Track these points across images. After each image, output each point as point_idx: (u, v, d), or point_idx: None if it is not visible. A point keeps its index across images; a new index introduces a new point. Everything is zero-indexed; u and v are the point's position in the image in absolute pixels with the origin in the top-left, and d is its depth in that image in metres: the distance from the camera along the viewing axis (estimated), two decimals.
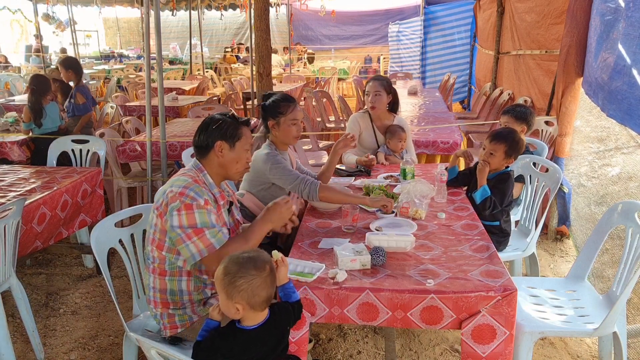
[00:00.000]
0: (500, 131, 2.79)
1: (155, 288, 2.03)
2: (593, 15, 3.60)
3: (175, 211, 1.88)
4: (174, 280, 2.01)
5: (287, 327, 1.70)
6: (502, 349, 1.77)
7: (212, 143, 2.05)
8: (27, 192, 3.00)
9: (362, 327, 2.90)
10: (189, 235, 1.89)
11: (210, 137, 2.05)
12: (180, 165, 4.41)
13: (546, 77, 4.88)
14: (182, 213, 1.88)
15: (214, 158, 2.07)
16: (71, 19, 11.04)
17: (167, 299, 2.02)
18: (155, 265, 2.01)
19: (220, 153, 2.05)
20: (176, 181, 1.98)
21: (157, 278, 2.02)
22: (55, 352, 2.81)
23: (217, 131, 2.05)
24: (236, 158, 2.08)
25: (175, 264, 1.99)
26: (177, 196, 1.90)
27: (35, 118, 4.70)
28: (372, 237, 2.11)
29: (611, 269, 2.99)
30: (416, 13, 12.40)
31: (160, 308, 2.04)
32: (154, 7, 4.01)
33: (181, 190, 1.91)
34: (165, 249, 1.97)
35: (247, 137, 2.12)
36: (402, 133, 3.54)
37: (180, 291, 2.02)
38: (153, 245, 2.00)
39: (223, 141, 2.05)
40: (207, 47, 16.93)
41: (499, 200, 2.66)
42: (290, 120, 2.74)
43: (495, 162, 2.72)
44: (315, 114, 7.05)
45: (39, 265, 3.83)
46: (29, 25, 16.58)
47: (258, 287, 1.53)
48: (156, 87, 4.13)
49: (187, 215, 1.89)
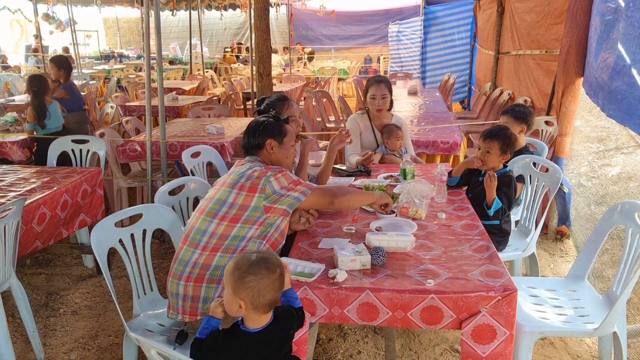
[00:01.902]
0: (492, 129, 2.81)
1: (197, 263, 2.07)
2: (593, 15, 3.61)
3: (273, 178, 2.11)
4: (225, 257, 2.07)
5: (290, 331, 1.69)
6: (502, 349, 1.77)
7: (262, 142, 2.26)
8: (27, 192, 3.00)
9: (362, 327, 2.90)
10: (290, 188, 2.13)
11: (260, 137, 2.27)
12: (181, 165, 4.41)
13: (546, 77, 4.88)
14: (279, 176, 2.12)
15: (266, 156, 2.28)
16: (71, 19, 11.04)
17: (205, 274, 2.06)
18: (213, 241, 2.08)
19: (271, 150, 2.27)
20: (253, 165, 2.18)
21: (204, 254, 2.07)
22: (55, 352, 2.81)
23: (265, 131, 2.27)
24: (286, 153, 2.31)
25: (241, 237, 2.08)
26: (265, 170, 2.13)
27: (39, 120, 4.70)
28: (372, 237, 2.11)
29: (611, 269, 2.99)
30: (416, 13, 12.39)
31: (191, 285, 2.06)
32: (154, 7, 4.01)
33: (264, 168, 2.15)
34: (241, 222, 2.08)
35: (292, 133, 2.35)
36: (399, 131, 3.55)
37: (224, 268, 2.01)
38: (222, 221, 2.08)
39: (272, 139, 2.27)
40: (207, 47, 16.93)
41: (507, 205, 2.69)
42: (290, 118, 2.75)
43: (493, 160, 2.73)
44: (315, 114, 7.06)
45: (39, 265, 3.83)
46: (29, 25, 16.57)
47: (265, 288, 1.52)
48: (156, 87, 4.13)
49: (284, 177, 2.13)
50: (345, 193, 2.31)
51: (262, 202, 2.09)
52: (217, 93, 10.23)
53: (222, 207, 2.11)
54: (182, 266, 2.10)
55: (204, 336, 1.63)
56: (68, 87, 5.40)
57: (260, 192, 2.09)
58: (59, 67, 5.39)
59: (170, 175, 4.44)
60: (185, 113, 6.63)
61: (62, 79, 5.41)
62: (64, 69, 5.40)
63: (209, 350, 1.59)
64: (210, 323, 1.65)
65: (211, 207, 2.13)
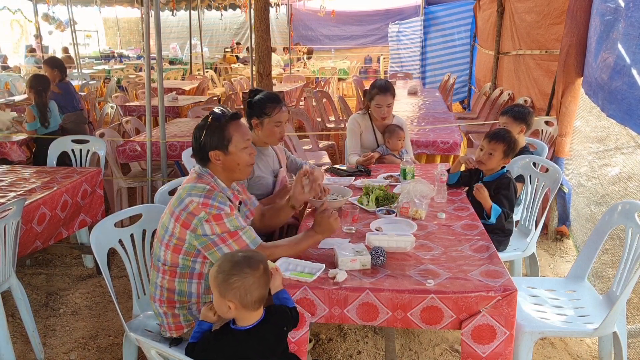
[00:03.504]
0: (498, 131, 2.81)
1: (162, 287, 2.01)
2: (593, 15, 3.60)
3: (205, 222, 1.88)
4: (184, 282, 1.99)
5: (284, 329, 1.69)
6: (502, 349, 1.77)
7: (206, 155, 2.03)
8: (27, 192, 3.00)
9: (362, 327, 2.90)
10: (224, 238, 1.90)
11: (203, 150, 2.03)
12: (180, 165, 4.41)
13: (546, 77, 4.88)
14: (213, 223, 1.89)
15: (217, 165, 2.05)
16: (71, 19, 11.03)
17: (174, 298, 2.01)
18: (166, 268, 1.99)
19: (218, 161, 2.03)
20: (193, 189, 1.95)
21: (165, 278, 2.00)
22: (55, 352, 2.81)
23: (205, 142, 2.01)
24: (235, 160, 2.04)
25: (190, 266, 1.97)
26: (201, 207, 1.89)
27: (43, 118, 4.71)
28: (372, 237, 2.11)
29: (611, 269, 2.99)
30: (416, 13, 12.40)
31: (165, 307, 2.02)
32: (154, 7, 4.01)
33: (203, 200, 1.90)
34: (182, 253, 1.95)
35: (240, 134, 2.04)
36: (401, 132, 3.55)
37: (189, 293, 2.00)
38: (167, 249, 1.96)
39: (215, 150, 2.01)
40: (207, 47, 16.94)
41: (508, 207, 2.69)
42: (275, 122, 2.71)
43: (494, 162, 2.74)
44: (315, 114, 7.06)
45: (39, 265, 3.83)
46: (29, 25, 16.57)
47: (251, 286, 1.53)
48: (156, 87, 4.13)
49: (219, 225, 1.90)
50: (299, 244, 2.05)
51: (194, 242, 1.92)
52: (217, 93, 10.22)
53: (165, 234, 1.97)
54: (154, 288, 2.06)
55: (196, 340, 1.63)
56: (63, 86, 5.41)
57: (192, 231, 1.90)
58: (52, 67, 5.40)
59: (170, 175, 4.44)
60: (185, 113, 6.62)
61: (56, 79, 5.43)
62: (57, 68, 5.42)
63: (202, 351, 1.60)
64: (202, 327, 1.66)
65: (160, 231, 2.01)
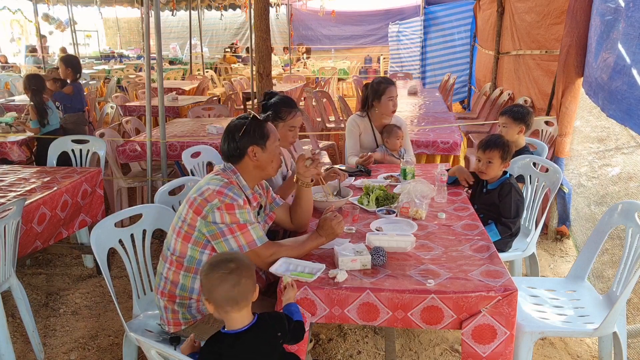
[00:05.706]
0: (490, 139, 2.80)
1: (167, 278, 2.02)
2: (593, 15, 3.60)
3: (216, 209, 1.91)
4: (188, 276, 2.00)
5: (277, 334, 1.63)
6: (502, 349, 1.77)
7: (244, 150, 2.06)
8: (27, 192, 3.00)
9: (362, 327, 2.90)
10: (232, 229, 1.92)
11: (240, 144, 2.06)
12: (180, 165, 4.41)
13: (546, 77, 4.88)
14: (224, 212, 1.91)
15: (249, 163, 2.08)
16: (71, 19, 11.05)
17: (175, 292, 2.02)
18: (174, 258, 2.00)
19: (254, 157, 2.06)
20: (212, 179, 2.00)
21: (171, 270, 2.01)
22: (55, 352, 2.81)
23: (246, 137, 2.05)
24: (270, 157, 2.10)
25: (197, 258, 1.98)
26: (216, 194, 1.92)
27: (41, 118, 4.71)
28: (372, 237, 2.11)
29: (611, 269, 2.99)
30: (416, 13, 12.39)
31: (165, 300, 2.03)
32: (154, 7, 4.01)
33: (219, 189, 1.94)
34: (192, 242, 1.97)
35: (274, 133, 2.13)
36: (399, 131, 3.55)
37: (191, 289, 2.01)
38: (178, 237, 1.99)
39: (254, 145, 2.06)
40: (207, 47, 16.94)
41: (513, 212, 2.70)
42: (289, 127, 2.73)
43: (494, 170, 2.75)
44: (315, 114, 7.05)
45: (39, 265, 3.83)
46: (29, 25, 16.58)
47: (215, 282, 1.53)
48: (156, 87, 4.13)
49: (229, 214, 1.92)
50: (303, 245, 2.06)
51: (203, 229, 1.94)
52: (217, 93, 10.22)
53: (178, 221, 2.00)
54: (159, 279, 2.07)
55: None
56: (76, 86, 5.42)
57: (203, 218, 1.92)
58: (67, 65, 5.40)
59: (170, 175, 4.44)
60: (185, 113, 6.63)
61: (69, 78, 5.43)
62: (71, 67, 5.42)
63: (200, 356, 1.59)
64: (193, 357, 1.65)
65: (175, 220, 2.04)
